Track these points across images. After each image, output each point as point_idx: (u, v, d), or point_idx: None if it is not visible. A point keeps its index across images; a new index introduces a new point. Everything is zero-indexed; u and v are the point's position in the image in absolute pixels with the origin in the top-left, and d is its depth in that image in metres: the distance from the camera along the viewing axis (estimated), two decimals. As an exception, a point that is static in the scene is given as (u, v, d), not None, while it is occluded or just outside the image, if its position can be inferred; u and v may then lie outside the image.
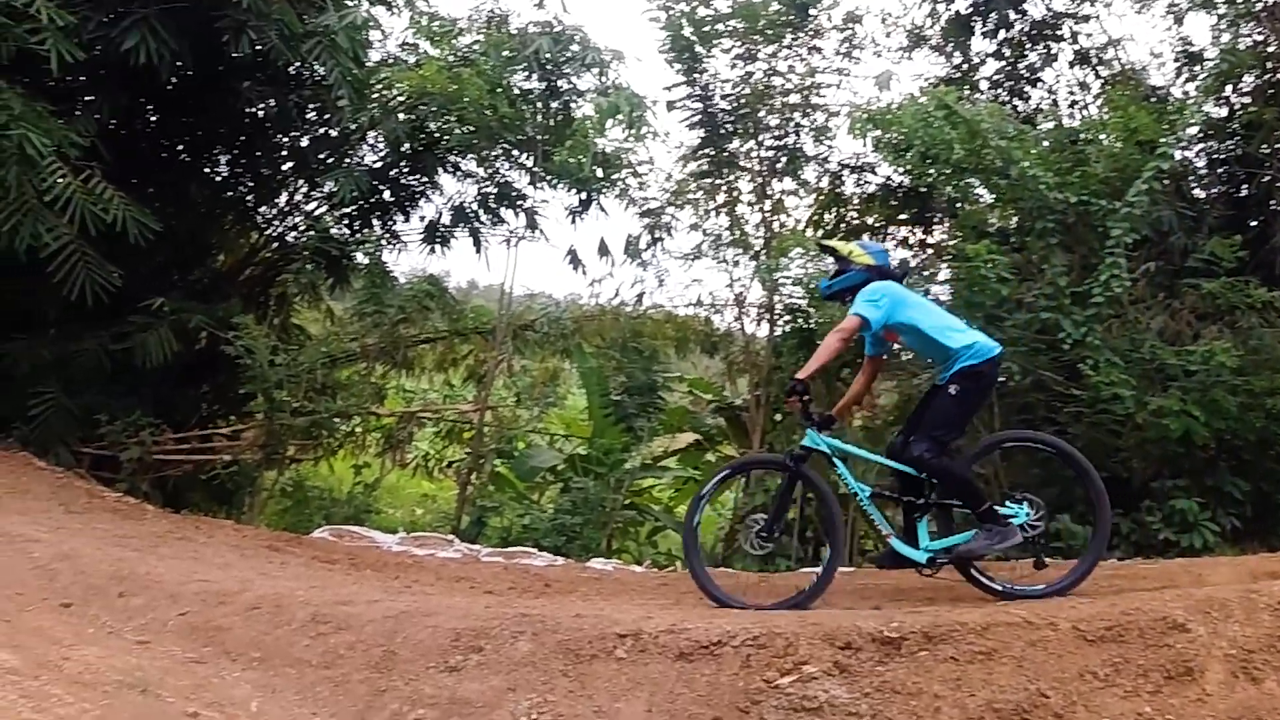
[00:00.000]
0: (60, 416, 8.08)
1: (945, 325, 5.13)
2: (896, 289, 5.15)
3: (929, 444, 4.94)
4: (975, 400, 5.16)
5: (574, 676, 4.14)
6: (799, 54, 9.47)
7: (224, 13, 8.05)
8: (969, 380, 4.98)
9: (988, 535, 4.86)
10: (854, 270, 5.28)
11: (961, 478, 5.01)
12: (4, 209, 7.26)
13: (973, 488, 5.02)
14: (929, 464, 4.93)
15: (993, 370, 5.10)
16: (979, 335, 5.16)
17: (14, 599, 4.77)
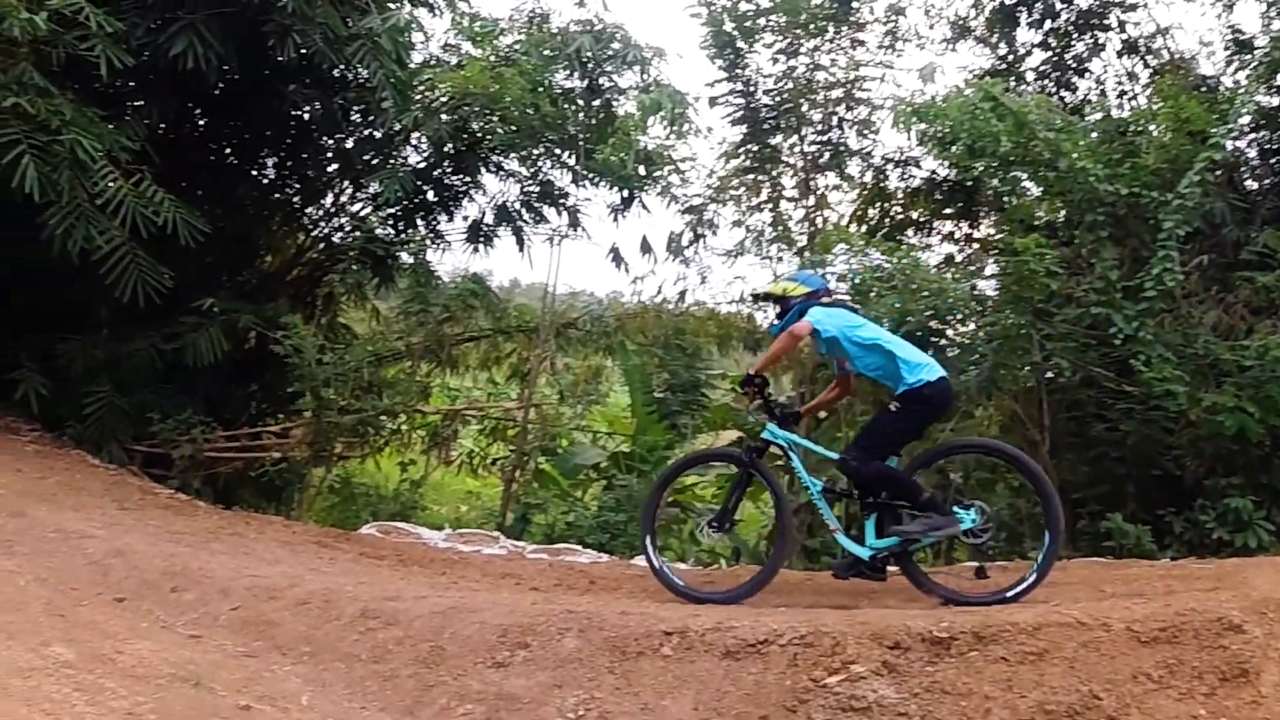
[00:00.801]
0: (113, 415, 8.24)
1: (893, 347, 5.24)
2: (844, 312, 5.39)
3: (857, 453, 5.16)
4: (916, 421, 5.26)
5: (620, 673, 4.15)
6: (842, 47, 9.39)
7: (269, 17, 8.15)
8: (911, 402, 5.10)
9: (926, 521, 4.98)
10: (795, 303, 5.43)
11: (892, 478, 5.11)
12: (57, 213, 7.40)
13: (908, 485, 5.10)
14: (853, 471, 5.16)
15: (937, 394, 5.14)
16: (925, 359, 5.24)
17: (69, 594, 4.88)
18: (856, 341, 5.28)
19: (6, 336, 8.42)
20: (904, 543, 5.08)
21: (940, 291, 7.84)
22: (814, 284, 5.58)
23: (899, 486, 5.10)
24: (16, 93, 7.14)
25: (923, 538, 5.06)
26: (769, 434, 5.53)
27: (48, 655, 3.91)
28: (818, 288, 5.54)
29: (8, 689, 3.54)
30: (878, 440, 5.22)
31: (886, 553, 5.12)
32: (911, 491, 5.07)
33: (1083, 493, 7.67)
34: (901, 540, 5.08)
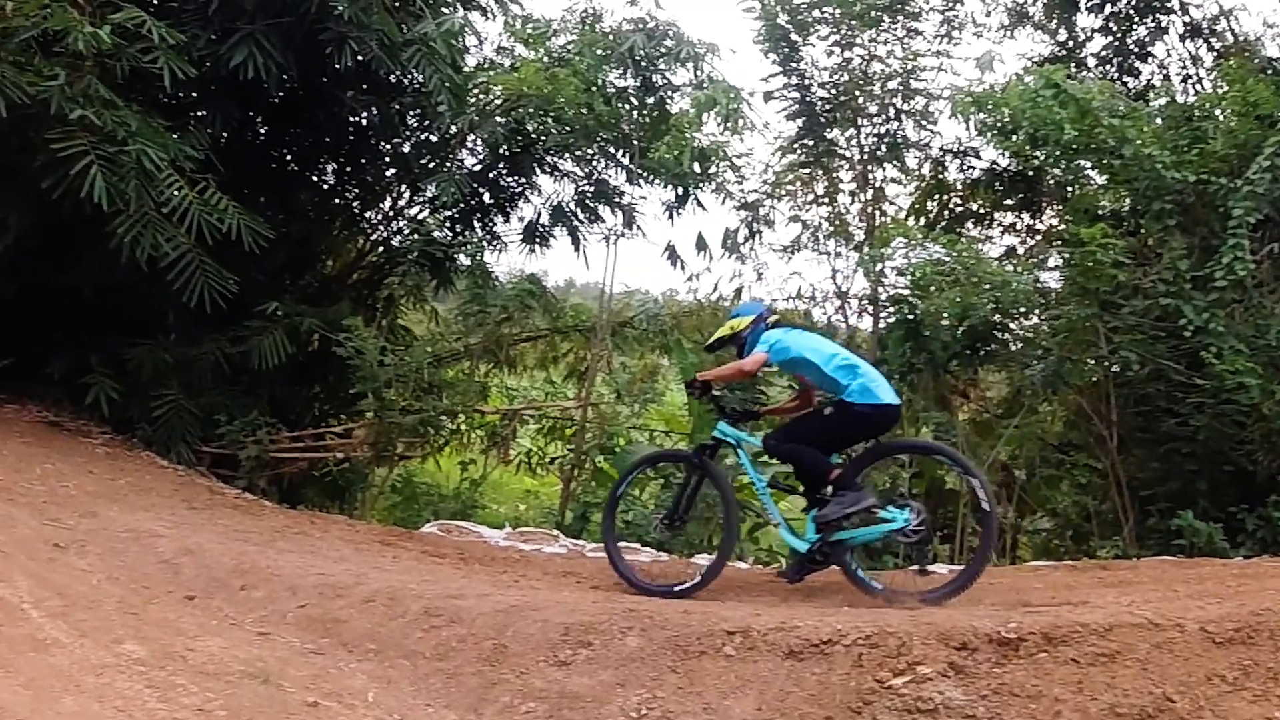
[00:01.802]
0: (181, 417, 8.39)
1: (838, 363, 5.42)
2: (793, 333, 5.67)
3: (780, 436, 5.50)
4: (846, 431, 5.43)
5: (683, 673, 4.13)
6: (897, 37, 9.26)
7: (326, 25, 8.25)
8: (846, 414, 5.29)
9: (839, 500, 5.13)
10: (746, 336, 5.72)
11: (802, 456, 5.35)
12: (125, 221, 7.57)
13: (819, 465, 5.29)
14: (770, 449, 5.49)
15: (874, 416, 5.33)
16: (872, 379, 5.39)
17: (141, 592, 4.99)
18: (810, 360, 5.50)
19: (79, 342, 8.64)
20: (823, 528, 5.22)
21: (1003, 285, 7.72)
22: (753, 310, 5.87)
23: (811, 465, 5.32)
24: (83, 105, 7.31)
25: (838, 515, 5.14)
26: (719, 432, 5.78)
27: (120, 652, 4.01)
28: (758, 313, 5.82)
29: (81, 686, 3.64)
30: (801, 431, 5.50)
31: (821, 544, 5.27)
32: (821, 469, 5.27)
33: (1152, 490, 7.51)
34: (820, 525, 5.23)
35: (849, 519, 5.17)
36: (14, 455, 7.20)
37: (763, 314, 5.80)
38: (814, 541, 5.31)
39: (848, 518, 5.15)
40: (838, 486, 5.20)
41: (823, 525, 5.21)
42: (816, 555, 5.34)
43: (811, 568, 5.44)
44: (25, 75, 7.28)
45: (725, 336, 5.90)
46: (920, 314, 7.95)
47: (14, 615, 4.13)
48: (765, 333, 5.64)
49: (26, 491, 6.40)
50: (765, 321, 5.74)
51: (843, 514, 5.13)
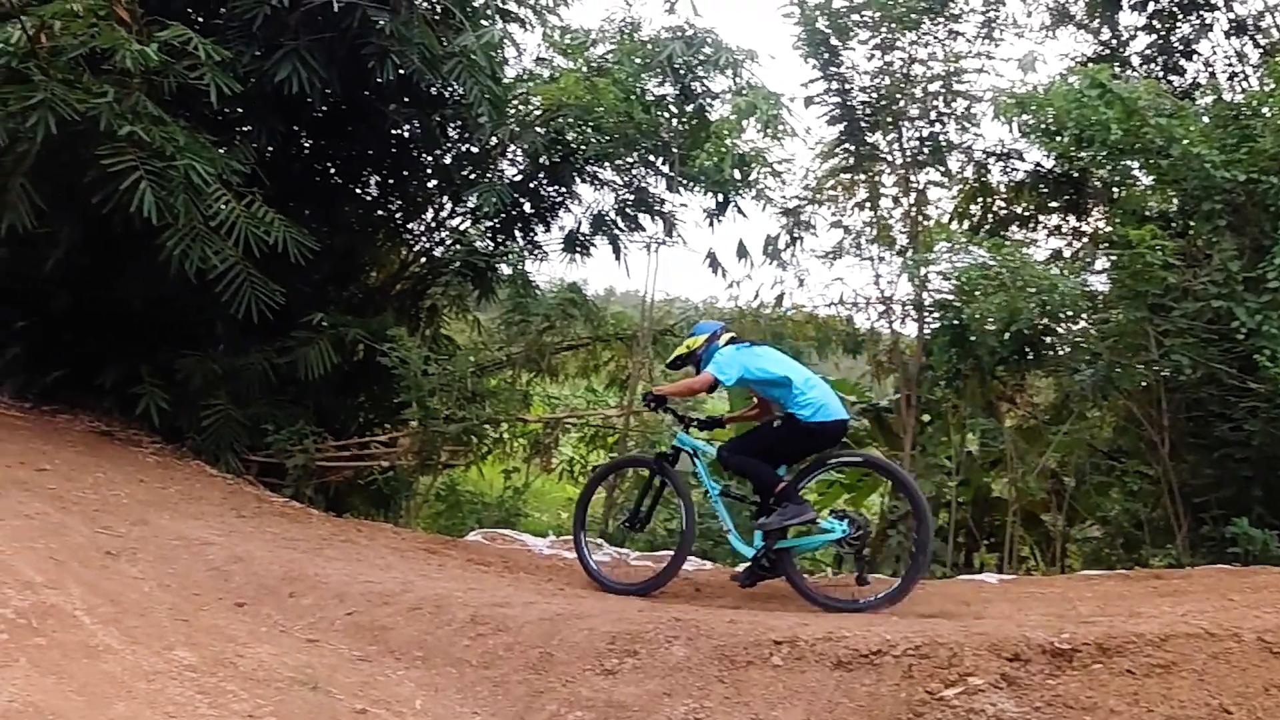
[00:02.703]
0: (229, 426, 8.52)
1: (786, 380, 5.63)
2: (741, 354, 5.83)
3: (731, 448, 5.74)
4: (794, 444, 5.68)
5: (730, 683, 4.10)
6: (938, 39, 9.17)
7: (368, 40, 8.36)
8: (793, 428, 5.55)
9: (781, 511, 5.37)
10: (700, 354, 5.97)
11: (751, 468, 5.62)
12: (174, 235, 7.69)
13: (766, 477, 5.52)
14: (723, 460, 5.75)
15: (820, 431, 5.55)
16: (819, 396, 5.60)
17: (192, 599, 5.04)
18: (757, 378, 5.77)
19: (129, 353, 8.80)
20: (768, 536, 5.49)
21: (1050, 289, 7.61)
22: (708, 330, 6.10)
23: (758, 477, 5.60)
24: (132, 122, 7.44)
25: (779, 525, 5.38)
26: (680, 441, 6.11)
27: (171, 659, 4.05)
28: (712, 332, 6.05)
29: (133, 692, 3.67)
30: (751, 443, 5.76)
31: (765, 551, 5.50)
32: (769, 482, 5.50)
33: (1205, 496, 7.37)
34: (765, 534, 5.49)
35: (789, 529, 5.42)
36: (67, 464, 7.32)
37: (716, 333, 6.04)
38: (760, 549, 5.55)
39: (789, 528, 5.39)
40: (781, 498, 5.43)
41: (766, 534, 5.46)
42: (763, 562, 5.57)
43: (761, 574, 5.66)
44: (75, 93, 7.43)
45: (683, 354, 6.18)
46: (966, 319, 7.87)
47: (67, 622, 4.18)
48: (719, 351, 5.89)
49: (79, 500, 6.50)
50: (718, 340, 5.98)
51: (782, 524, 5.36)
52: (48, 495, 6.38)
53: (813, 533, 5.52)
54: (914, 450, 8.61)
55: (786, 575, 5.49)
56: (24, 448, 7.52)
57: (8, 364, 9.45)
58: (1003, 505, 8.75)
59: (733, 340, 6.02)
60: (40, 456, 7.35)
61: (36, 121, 7.26)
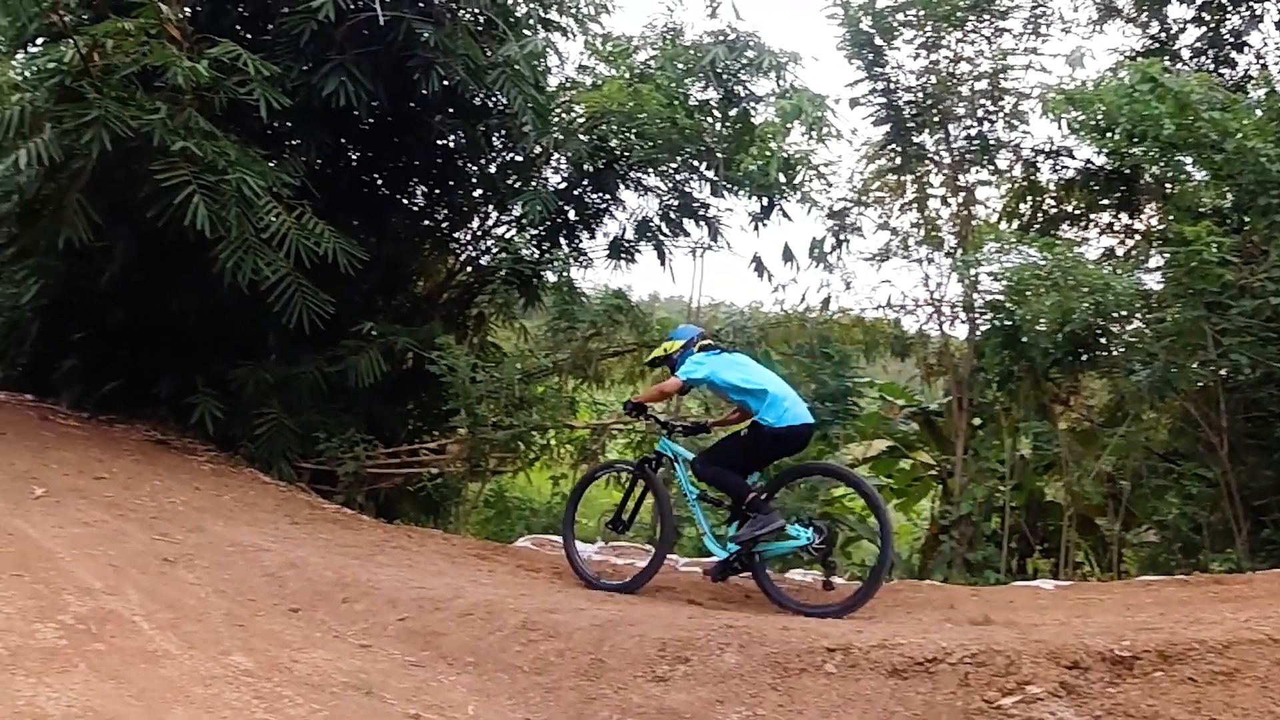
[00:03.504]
0: (282, 434, 8.63)
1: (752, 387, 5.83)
2: (712, 360, 6.05)
3: (704, 459, 5.93)
4: (761, 450, 5.90)
5: (783, 690, 4.07)
6: (985, 36, 9.06)
7: (414, 52, 8.44)
8: (759, 435, 5.74)
9: (752, 523, 5.56)
10: (676, 358, 6.19)
11: (724, 480, 5.81)
12: (227, 247, 7.82)
13: (738, 488, 5.73)
14: (699, 473, 5.94)
15: (785, 437, 5.75)
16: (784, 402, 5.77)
17: (247, 605, 5.11)
18: (723, 384, 6.00)
19: (184, 364, 8.95)
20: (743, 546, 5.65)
21: (1104, 288, 7.47)
22: (685, 335, 6.35)
23: (729, 488, 5.80)
24: (184, 137, 7.59)
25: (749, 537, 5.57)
26: (662, 446, 6.34)
27: (228, 664, 4.11)
28: (689, 338, 6.29)
29: (191, 696, 3.73)
30: (722, 454, 5.93)
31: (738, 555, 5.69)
32: (739, 493, 5.71)
33: (1266, 499, 7.20)
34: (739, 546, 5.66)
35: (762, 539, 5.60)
36: (124, 473, 7.48)
37: (693, 339, 6.26)
38: (732, 553, 5.73)
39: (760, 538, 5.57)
40: (751, 509, 5.63)
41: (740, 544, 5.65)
42: (735, 564, 5.78)
43: (732, 571, 5.88)
44: (128, 110, 7.60)
45: (660, 357, 6.44)
46: (1018, 320, 7.75)
47: (125, 628, 4.26)
48: (691, 357, 6.11)
49: (136, 507, 6.62)
50: (695, 346, 6.18)
51: (754, 535, 5.56)
52: (106, 503, 6.52)
53: (781, 539, 5.67)
54: (966, 454, 8.48)
55: (756, 579, 5.73)
56: (82, 456, 7.69)
57: (65, 375, 9.67)
58: (1056, 510, 8.60)
59: (707, 347, 6.23)
60: (98, 465, 7.51)
61: (91, 138, 7.44)
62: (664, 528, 6.22)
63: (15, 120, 8.05)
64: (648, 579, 5.98)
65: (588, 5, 10.25)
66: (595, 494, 11.29)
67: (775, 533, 5.55)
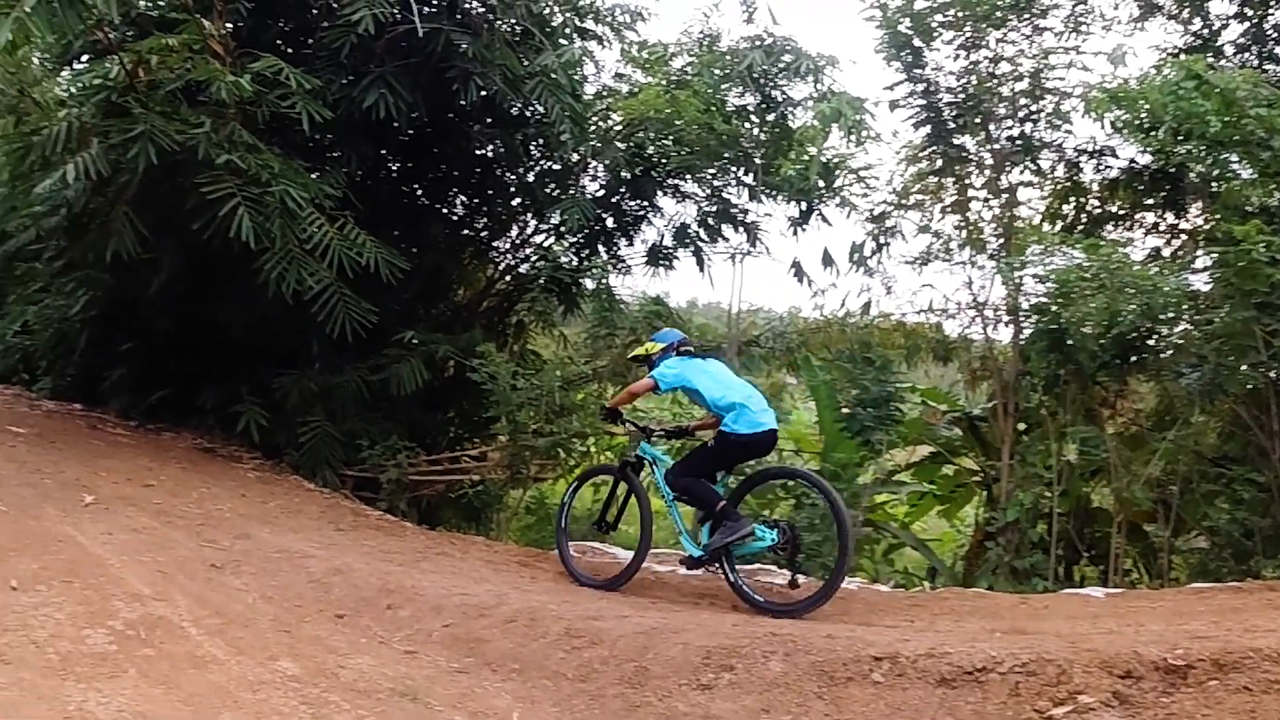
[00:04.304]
0: (326, 442, 8.72)
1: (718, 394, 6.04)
2: (685, 364, 6.27)
3: (675, 471, 6.20)
4: (729, 456, 6.12)
5: (829, 699, 4.03)
6: (1025, 35, 8.92)
7: (452, 63, 8.51)
8: (724, 442, 5.99)
9: (723, 530, 5.78)
10: (655, 359, 6.41)
11: (694, 491, 6.05)
12: (271, 258, 7.93)
13: (709, 498, 5.93)
14: (672, 485, 6.18)
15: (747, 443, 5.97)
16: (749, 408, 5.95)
17: (293, 610, 5.16)
18: (692, 387, 6.23)
19: (229, 373, 9.08)
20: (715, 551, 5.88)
21: (1152, 289, 7.34)
22: (666, 339, 6.56)
23: (701, 499, 6.01)
24: (228, 150, 7.71)
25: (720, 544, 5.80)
26: (642, 450, 6.58)
27: (275, 669, 4.15)
28: (670, 342, 6.49)
29: (239, 702, 3.77)
30: (693, 464, 6.19)
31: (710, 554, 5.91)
32: (711, 503, 5.91)
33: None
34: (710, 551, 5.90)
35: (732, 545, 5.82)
36: (172, 480, 7.59)
37: (673, 344, 6.46)
38: (703, 555, 5.99)
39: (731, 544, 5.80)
40: (721, 518, 5.83)
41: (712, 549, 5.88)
42: (706, 561, 6.03)
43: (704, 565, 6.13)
44: (173, 124, 7.74)
45: (640, 355, 6.68)
46: (1064, 322, 7.63)
47: (174, 633, 4.32)
48: (667, 361, 6.33)
49: (184, 514, 6.72)
50: (674, 350, 6.39)
51: (724, 543, 5.78)
52: (154, 510, 6.62)
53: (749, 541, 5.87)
54: (1012, 460, 8.36)
55: (726, 578, 5.92)
56: (131, 465, 7.83)
57: (114, 385, 9.85)
58: (1103, 516, 8.45)
59: (688, 352, 6.43)
60: (146, 473, 7.64)
61: (137, 152, 7.58)
62: (644, 529, 6.43)
63: (63, 135, 8.24)
64: (629, 578, 6.26)
65: (623, 13, 10.28)
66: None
67: (744, 538, 5.77)
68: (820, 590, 5.64)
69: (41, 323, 10.93)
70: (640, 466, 6.61)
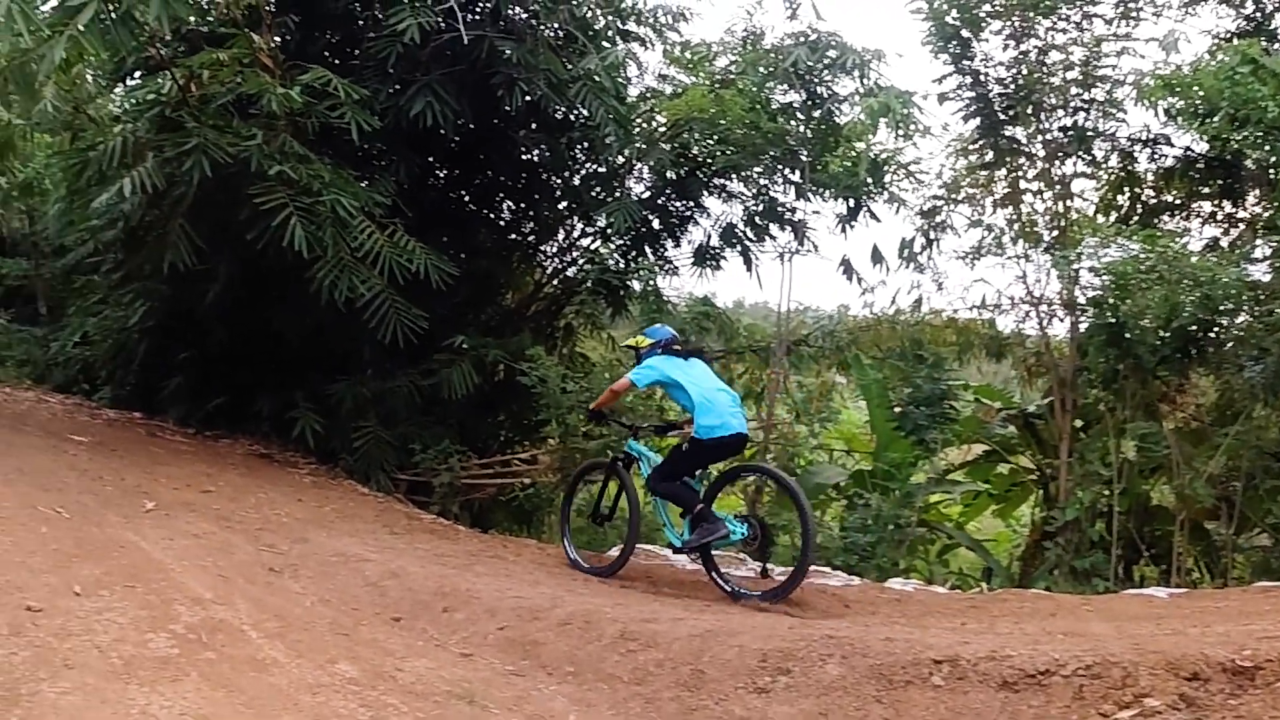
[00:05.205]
0: (379, 447, 8.83)
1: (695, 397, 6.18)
2: (664, 364, 6.40)
3: (655, 475, 6.41)
4: (702, 458, 6.35)
5: (888, 703, 3.97)
6: (1075, 23, 8.75)
7: (496, 70, 8.59)
8: (695, 445, 6.19)
9: (700, 530, 6.06)
10: (642, 353, 6.59)
11: (674, 494, 6.33)
12: (324, 267, 8.05)
13: (687, 501, 6.22)
14: (653, 488, 6.46)
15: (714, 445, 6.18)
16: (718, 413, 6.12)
17: (351, 614, 5.20)
18: (669, 387, 6.47)
19: (284, 380, 9.24)
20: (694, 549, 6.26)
21: (1211, 280, 7.16)
22: (656, 335, 6.71)
23: (680, 501, 6.29)
24: (280, 161, 7.85)
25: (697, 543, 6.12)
26: (630, 447, 6.82)
27: (334, 672, 4.18)
28: (658, 339, 6.63)
29: (299, 705, 3.80)
30: (669, 467, 6.38)
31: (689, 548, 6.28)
32: (689, 505, 6.18)
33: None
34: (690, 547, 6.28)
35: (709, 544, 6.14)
36: (230, 486, 7.72)
37: (662, 341, 6.60)
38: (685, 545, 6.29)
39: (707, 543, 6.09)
40: (698, 519, 6.08)
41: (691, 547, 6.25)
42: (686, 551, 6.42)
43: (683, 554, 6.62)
44: (225, 137, 7.89)
45: (632, 346, 6.86)
46: (1122, 316, 7.48)
47: (235, 637, 4.37)
48: (651, 358, 6.48)
49: (243, 519, 6.82)
50: (661, 347, 6.54)
51: (700, 542, 6.09)
52: (214, 515, 6.72)
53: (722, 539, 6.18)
54: (1070, 457, 8.20)
55: (705, 568, 6.23)
56: (190, 471, 7.97)
57: (172, 393, 10.07)
58: (1163, 514, 8.27)
59: (676, 351, 6.56)
60: (205, 479, 7.78)
61: (191, 165, 7.74)
62: (633, 520, 6.70)
63: (118, 150, 8.44)
64: (620, 567, 6.59)
65: (665, 14, 10.30)
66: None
67: (719, 538, 6.05)
68: (788, 580, 5.90)
69: (101, 334, 11.23)
70: (631, 462, 6.82)
